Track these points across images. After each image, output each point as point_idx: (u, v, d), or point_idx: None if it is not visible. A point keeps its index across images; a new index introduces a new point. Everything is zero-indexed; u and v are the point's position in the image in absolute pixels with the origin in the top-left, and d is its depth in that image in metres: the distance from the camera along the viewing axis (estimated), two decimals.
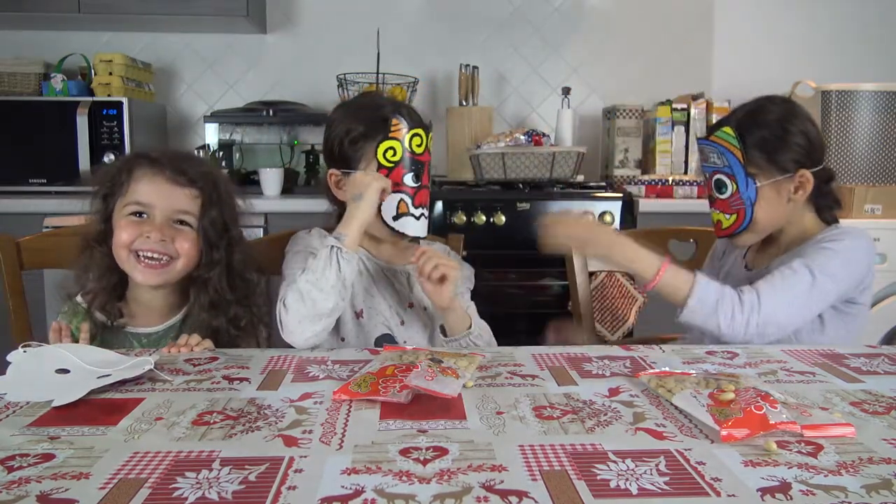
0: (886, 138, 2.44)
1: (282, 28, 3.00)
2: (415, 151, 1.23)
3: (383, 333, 1.28)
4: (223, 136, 2.91)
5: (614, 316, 2.32)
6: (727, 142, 1.28)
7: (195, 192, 1.16)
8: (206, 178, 1.17)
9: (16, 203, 2.33)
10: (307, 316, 1.12)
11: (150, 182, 1.15)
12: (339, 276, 1.12)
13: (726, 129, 1.29)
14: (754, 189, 1.28)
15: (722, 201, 1.31)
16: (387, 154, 1.22)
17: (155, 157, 1.17)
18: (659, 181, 2.58)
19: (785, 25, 3.05)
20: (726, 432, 0.74)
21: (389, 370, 0.89)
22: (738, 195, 1.29)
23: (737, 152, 1.27)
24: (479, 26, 3.03)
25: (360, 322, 1.27)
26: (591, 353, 1.10)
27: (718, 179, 1.31)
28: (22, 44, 2.89)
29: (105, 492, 0.63)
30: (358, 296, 1.28)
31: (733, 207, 1.30)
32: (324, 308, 1.11)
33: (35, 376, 0.95)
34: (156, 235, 1.13)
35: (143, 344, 1.21)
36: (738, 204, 1.29)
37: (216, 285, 1.18)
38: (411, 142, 1.22)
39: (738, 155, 1.27)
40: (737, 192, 1.29)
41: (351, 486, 0.64)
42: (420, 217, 1.23)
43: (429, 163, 1.27)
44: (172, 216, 1.16)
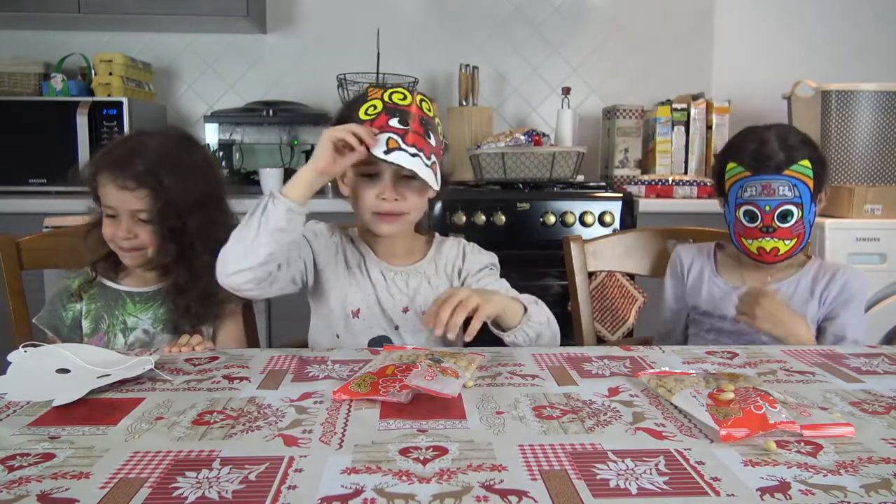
0: (886, 138, 2.44)
1: (282, 28, 3.00)
2: (396, 103, 1.17)
3: (379, 335, 1.26)
4: (223, 136, 2.91)
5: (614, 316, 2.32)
6: (804, 175, 1.32)
7: (142, 192, 1.24)
8: (148, 177, 1.23)
9: (16, 203, 2.33)
10: (233, 252, 1.11)
11: (109, 188, 1.25)
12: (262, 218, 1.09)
13: (804, 162, 1.32)
14: (814, 211, 1.35)
15: (784, 229, 1.33)
16: (368, 111, 1.18)
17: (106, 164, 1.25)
18: (659, 181, 2.58)
19: (785, 25, 3.05)
20: (726, 432, 0.74)
21: (389, 370, 0.89)
22: (801, 221, 1.33)
23: (811, 183, 1.32)
24: (479, 26, 3.03)
25: (355, 321, 1.26)
26: (591, 353, 1.10)
27: (785, 210, 1.32)
28: (22, 44, 2.89)
29: (105, 491, 0.63)
30: (353, 295, 1.27)
31: (795, 233, 1.33)
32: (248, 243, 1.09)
33: (35, 376, 0.95)
34: (122, 234, 1.26)
35: (134, 301, 1.32)
36: (799, 229, 1.33)
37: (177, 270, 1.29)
38: (392, 96, 1.18)
39: (810, 185, 1.32)
40: (801, 219, 1.33)
41: (351, 485, 0.64)
42: (415, 157, 1.13)
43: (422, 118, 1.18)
44: (133, 215, 1.26)
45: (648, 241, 1.66)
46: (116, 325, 1.30)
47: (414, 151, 1.14)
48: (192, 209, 1.25)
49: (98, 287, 1.33)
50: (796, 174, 1.32)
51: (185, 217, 1.25)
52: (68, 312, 1.32)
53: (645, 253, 1.66)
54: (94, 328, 1.30)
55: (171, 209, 1.24)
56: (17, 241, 1.46)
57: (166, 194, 1.23)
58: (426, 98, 1.23)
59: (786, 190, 1.32)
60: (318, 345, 1.30)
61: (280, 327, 2.42)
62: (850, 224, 2.23)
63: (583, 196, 2.46)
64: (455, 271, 1.32)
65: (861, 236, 2.22)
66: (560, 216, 2.41)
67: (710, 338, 1.45)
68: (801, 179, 1.32)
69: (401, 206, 1.21)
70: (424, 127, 1.17)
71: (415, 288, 1.28)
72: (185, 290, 1.28)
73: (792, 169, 1.32)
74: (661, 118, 2.73)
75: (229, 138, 2.91)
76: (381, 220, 1.22)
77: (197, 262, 1.26)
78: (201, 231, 1.26)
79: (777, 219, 1.33)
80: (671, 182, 2.56)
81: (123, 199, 1.24)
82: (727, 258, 1.49)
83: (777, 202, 1.33)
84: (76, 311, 1.32)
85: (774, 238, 1.34)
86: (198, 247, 1.26)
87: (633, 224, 2.43)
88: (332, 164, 1.14)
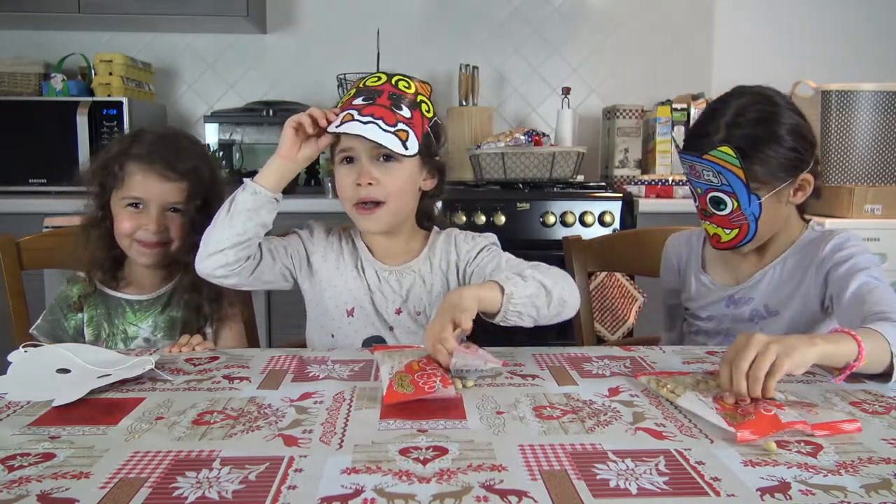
0: (886, 138, 2.44)
1: (282, 28, 3.00)
2: (368, 85, 1.18)
3: (372, 335, 1.24)
4: (223, 136, 2.90)
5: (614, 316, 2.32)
6: (727, 162, 1.17)
7: (183, 184, 1.25)
8: (193, 172, 1.25)
9: (16, 203, 2.33)
10: (206, 238, 1.15)
11: (143, 178, 1.23)
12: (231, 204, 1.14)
13: (725, 149, 1.16)
14: (758, 204, 1.19)
15: (720, 217, 1.21)
16: (344, 98, 1.20)
17: (145, 154, 1.24)
18: (659, 181, 2.58)
19: (785, 25, 3.05)
20: (741, 434, 0.74)
21: (415, 366, 0.89)
22: (739, 211, 1.19)
23: (738, 172, 1.16)
24: (479, 26, 3.03)
25: (350, 321, 1.25)
26: (591, 353, 1.10)
27: (715, 197, 1.20)
28: (22, 44, 2.89)
29: (105, 491, 0.63)
30: (347, 294, 1.25)
31: (734, 223, 1.21)
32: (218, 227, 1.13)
33: (35, 376, 0.95)
34: (153, 227, 1.24)
35: (134, 310, 1.31)
36: (739, 220, 1.20)
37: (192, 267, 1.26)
38: (367, 81, 1.20)
39: (739, 174, 1.17)
40: (738, 209, 1.19)
41: (351, 485, 0.64)
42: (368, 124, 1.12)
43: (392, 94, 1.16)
44: (165, 206, 1.25)
45: (648, 241, 1.66)
46: (117, 334, 1.29)
47: (368, 120, 1.12)
48: (212, 205, 1.24)
49: (98, 294, 1.31)
50: (717, 160, 1.17)
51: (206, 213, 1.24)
52: (70, 322, 1.30)
53: (645, 253, 1.65)
54: (96, 336, 1.29)
55: (207, 205, 1.25)
56: (17, 241, 1.46)
57: (206, 189, 1.25)
58: (406, 77, 1.21)
59: (710, 175, 1.19)
60: (314, 344, 1.29)
61: (280, 327, 2.42)
62: (850, 224, 2.23)
63: (583, 196, 2.46)
64: (451, 266, 1.26)
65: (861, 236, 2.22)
66: (560, 216, 2.41)
67: (700, 340, 1.37)
68: (724, 167, 1.17)
69: (375, 192, 1.16)
70: (394, 100, 1.16)
71: (408, 287, 1.25)
72: (199, 288, 1.26)
73: (711, 154, 1.17)
74: (661, 118, 2.73)
75: (229, 138, 2.91)
76: (360, 214, 1.19)
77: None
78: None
79: (710, 204, 1.21)
80: (671, 182, 2.56)
81: (161, 191, 1.23)
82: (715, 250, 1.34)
83: (704, 186, 1.21)
84: (78, 320, 1.30)
85: (713, 224, 1.23)
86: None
87: (633, 224, 2.43)
88: (293, 150, 1.16)
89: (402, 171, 1.18)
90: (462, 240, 1.29)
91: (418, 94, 1.20)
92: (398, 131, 1.13)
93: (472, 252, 1.26)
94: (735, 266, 1.32)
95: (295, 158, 1.17)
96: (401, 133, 1.13)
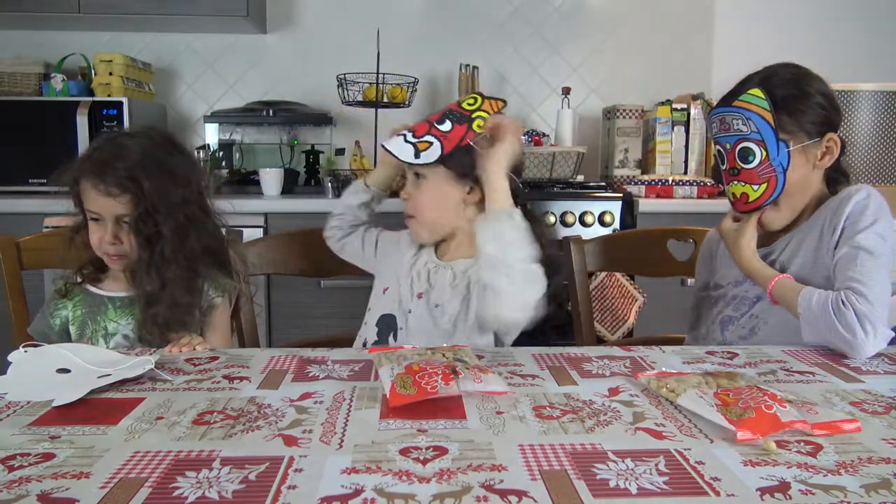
0: (886, 138, 2.44)
1: (282, 28, 3.00)
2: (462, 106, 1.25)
3: (387, 313, 1.31)
4: (223, 136, 2.91)
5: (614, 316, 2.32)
6: (757, 105, 1.18)
7: (125, 196, 1.23)
8: (130, 181, 1.23)
9: (16, 203, 2.33)
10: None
11: (91, 194, 1.24)
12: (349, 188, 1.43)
13: (755, 91, 1.19)
14: (786, 153, 1.19)
15: (748, 171, 1.21)
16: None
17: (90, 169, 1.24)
18: (659, 181, 2.58)
19: (785, 25, 3.05)
20: (742, 433, 0.74)
21: (415, 366, 0.89)
22: (767, 162, 1.19)
23: (768, 115, 1.17)
24: (479, 26, 3.03)
25: (383, 297, 1.34)
26: (591, 353, 1.10)
27: (745, 148, 1.19)
28: (22, 44, 2.89)
29: (105, 491, 0.63)
30: (391, 274, 1.34)
31: (763, 176, 1.20)
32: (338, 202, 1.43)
33: (36, 376, 0.95)
34: (108, 239, 1.25)
35: (115, 307, 1.31)
36: (768, 172, 1.19)
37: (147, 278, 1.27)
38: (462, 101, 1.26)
39: (768, 118, 1.17)
40: (766, 160, 1.19)
41: (351, 485, 0.64)
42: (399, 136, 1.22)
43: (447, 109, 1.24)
44: (119, 219, 1.25)
45: (648, 241, 1.66)
46: (99, 331, 1.29)
47: (401, 134, 1.22)
48: (169, 214, 1.24)
49: (84, 293, 1.32)
50: (745, 104, 1.19)
51: (161, 223, 1.24)
52: (56, 319, 1.31)
53: (645, 253, 1.66)
54: (80, 334, 1.30)
55: (149, 215, 1.23)
56: (17, 241, 1.46)
57: (147, 199, 1.22)
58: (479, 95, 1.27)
59: (739, 123, 1.19)
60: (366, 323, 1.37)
61: (280, 327, 2.43)
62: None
63: (583, 196, 2.46)
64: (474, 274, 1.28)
65: None
66: (560, 216, 2.41)
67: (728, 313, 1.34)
68: (752, 111, 1.18)
69: (408, 207, 1.30)
70: (443, 115, 1.22)
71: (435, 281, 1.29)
72: (154, 301, 1.25)
73: (741, 98, 1.20)
74: (661, 118, 2.73)
75: (229, 138, 2.92)
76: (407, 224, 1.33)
77: (166, 271, 1.25)
78: (175, 238, 1.25)
79: (739, 158, 1.21)
80: (671, 182, 2.56)
81: (107, 205, 1.23)
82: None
83: (734, 138, 1.21)
84: (63, 318, 1.31)
85: (741, 182, 1.22)
86: (168, 254, 1.25)
87: (633, 224, 2.43)
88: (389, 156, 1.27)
89: (427, 187, 1.26)
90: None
91: (478, 111, 1.23)
92: (419, 142, 1.19)
93: None
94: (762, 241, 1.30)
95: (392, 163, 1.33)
96: (421, 144, 1.19)
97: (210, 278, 1.34)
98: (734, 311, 1.33)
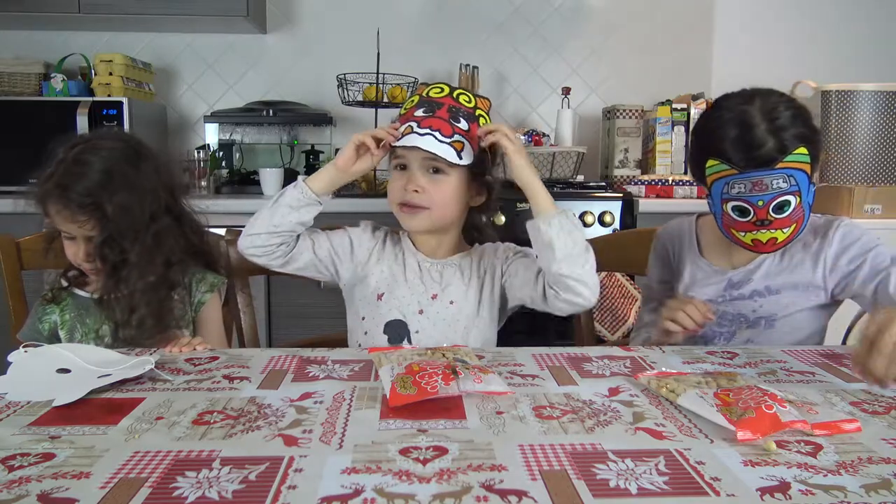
0: (886, 138, 2.44)
1: (282, 28, 3.00)
2: (431, 96, 1.24)
3: (395, 319, 1.27)
4: (223, 136, 2.91)
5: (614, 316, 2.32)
6: (801, 162, 1.15)
7: (89, 222, 1.22)
8: (93, 206, 1.21)
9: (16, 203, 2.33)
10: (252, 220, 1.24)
11: (58, 217, 1.24)
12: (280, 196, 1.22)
13: (801, 150, 1.15)
14: (813, 192, 1.19)
15: (782, 220, 1.17)
16: (406, 106, 1.26)
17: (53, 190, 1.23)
18: (659, 181, 2.58)
19: (785, 25, 3.05)
20: (742, 433, 0.74)
21: (415, 367, 0.89)
22: (800, 207, 1.17)
23: (807, 168, 1.16)
24: (479, 26, 3.03)
25: (379, 304, 1.29)
26: (591, 353, 1.10)
27: (781, 202, 1.16)
28: (22, 44, 2.90)
29: (105, 491, 0.63)
30: (381, 279, 1.30)
31: (794, 219, 1.18)
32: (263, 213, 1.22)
33: (36, 376, 0.95)
34: (82, 255, 1.25)
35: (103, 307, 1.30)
36: (798, 214, 1.18)
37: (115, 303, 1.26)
38: (430, 91, 1.25)
39: (807, 170, 1.16)
40: (799, 205, 1.17)
41: (351, 485, 0.64)
42: (426, 136, 1.19)
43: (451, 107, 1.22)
44: (88, 238, 1.24)
45: (648, 241, 1.66)
46: (89, 333, 1.29)
47: (426, 132, 1.19)
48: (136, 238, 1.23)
49: (71, 296, 1.32)
50: (793, 164, 1.15)
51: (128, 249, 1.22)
52: (44, 325, 1.30)
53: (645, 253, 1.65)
54: (70, 338, 1.29)
55: (114, 241, 1.22)
56: (17, 241, 1.46)
57: (112, 223, 1.21)
58: (467, 92, 1.26)
59: (780, 182, 1.15)
60: (351, 329, 1.34)
61: (280, 327, 2.43)
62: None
63: (583, 196, 2.46)
64: (491, 265, 1.31)
65: None
66: None
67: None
68: (797, 168, 1.15)
69: (420, 199, 1.23)
70: (453, 113, 1.22)
71: (448, 279, 1.29)
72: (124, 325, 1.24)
73: (787, 160, 1.14)
74: (661, 118, 2.73)
75: (229, 138, 2.92)
76: (403, 213, 1.25)
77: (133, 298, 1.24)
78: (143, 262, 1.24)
79: (773, 211, 1.17)
80: (671, 182, 2.56)
81: (74, 228, 1.22)
82: (712, 235, 1.33)
83: (771, 196, 1.16)
84: (52, 322, 1.31)
85: (771, 230, 1.19)
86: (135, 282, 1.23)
87: (633, 224, 2.43)
88: (350, 163, 1.22)
89: (448, 185, 1.24)
90: (506, 247, 1.34)
91: (477, 109, 1.25)
92: (454, 142, 1.19)
93: (510, 252, 1.32)
94: (732, 252, 1.32)
95: (349, 170, 1.23)
96: (456, 144, 1.20)
97: (196, 276, 1.34)
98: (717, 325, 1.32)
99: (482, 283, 1.30)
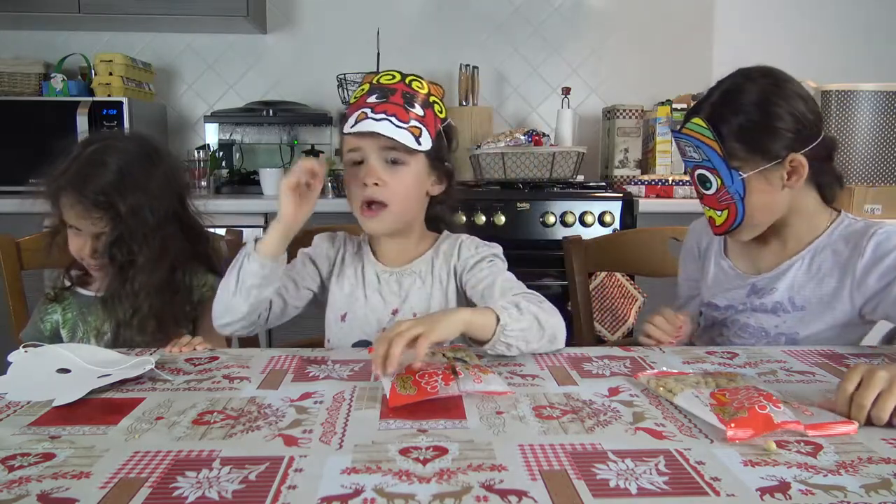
0: (886, 138, 2.44)
1: (282, 28, 3.00)
2: (382, 83, 1.19)
3: (360, 340, 1.24)
4: (223, 136, 2.91)
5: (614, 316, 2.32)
6: (700, 134, 1.15)
7: (103, 219, 1.22)
8: (107, 204, 1.21)
9: (16, 203, 2.33)
10: (218, 306, 1.17)
11: (70, 211, 1.24)
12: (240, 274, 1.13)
13: (696, 120, 1.15)
14: (741, 182, 1.14)
15: (709, 197, 1.19)
16: (356, 94, 1.20)
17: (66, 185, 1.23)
18: (659, 181, 2.58)
19: (785, 25, 3.05)
20: (732, 432, 0.74)
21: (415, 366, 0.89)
22: (724, 190, 1.16)
23: (714, 145, 1.14)
24: (479, 26, 3.03)
25: (343, 325, 1.26)
26: (591, 353, 1.10)
27: (701, 175, 1.18)
28: (22, 44, 2.90)
29: (105, 491, 0.63)
30: (342, 298, 1.26)
31: (722, 203, 1.17)
32: (229, 298, 1.14)
33: (36, 376, 0.95)
34: (88, 251, 1.25)
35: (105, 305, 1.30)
36: (726, 199, 1.16)
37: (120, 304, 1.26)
38: (380, 79, 1.20)
39: (715, 147, 1.14)
40: (722, 187, 1.16)
41: (351, 485, 0.64)
42: (381, 121, 1.13)
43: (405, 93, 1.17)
44: (96, 233, 1.24)
45: (648, 241, 1.66)
46: (90, 331, 1.29)
47: (381, 117, 1.14)
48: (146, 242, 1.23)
49: (73, 295, 1.32)
50: (692, 132, 1.16)
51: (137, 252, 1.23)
52: (46, 324, 1.31)
53: (645, 253, 1.66)
54: (72, 336, 1.30)
55: (124, 241, 1.22)
56: (17, 241, 1.47)
57: (124, 223, 1.21)
58: (419, 78, 1.22)
59: (691, 151, 1.17)
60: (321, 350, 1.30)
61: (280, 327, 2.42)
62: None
63: (583, 196, 2.46)
64: (451, 270, 1.25)
65: None
66: (560, 216, 2.41)
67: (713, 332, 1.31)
68: (700, 140, 1.15)
69: (381, 193, 1.16)
70: (407, 99, 1.17)
71: (407, 288, 1.24)
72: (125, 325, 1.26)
73: (687, 127, 1.17)
74: (661, 118, 2.73)
75: (229, 138, 2.92)
76: (364, 216, 1.19)
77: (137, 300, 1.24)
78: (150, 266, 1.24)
79: (699, 184, 1.19)
80: (671, 182, 2.56)
81: (86, 223, 1.23)
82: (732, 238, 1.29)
83: (690, 163, 1.19)
84: (53, 322, 1.31)
85: (706, 206, 1.20)
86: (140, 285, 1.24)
87: (633, 224, 2.43)
88: (296, 212, 1.14)
89: (408, 174, 1.18)
90: (466, 245, 1.27)
91: (431, 95, 1.21)
92: (411, 127, 1.15)
93: (470, 260, 1.24)
94: (756, 255, 1.27)
95: (297, 220, 1.15)
96: (414, 129, 1.15)
97: (197, 277, 1.34)
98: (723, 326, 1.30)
99: (446, 286, 1.24)
